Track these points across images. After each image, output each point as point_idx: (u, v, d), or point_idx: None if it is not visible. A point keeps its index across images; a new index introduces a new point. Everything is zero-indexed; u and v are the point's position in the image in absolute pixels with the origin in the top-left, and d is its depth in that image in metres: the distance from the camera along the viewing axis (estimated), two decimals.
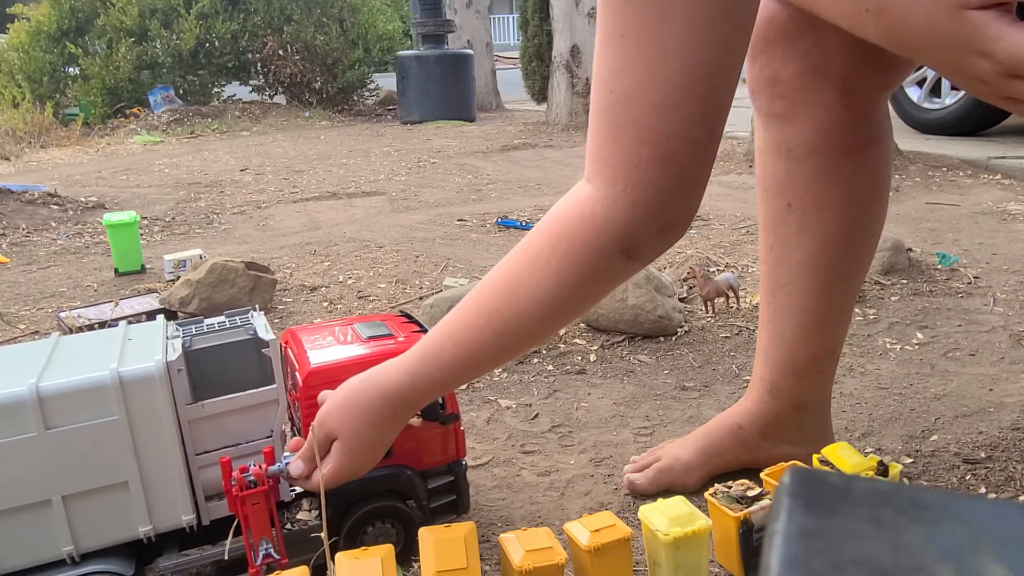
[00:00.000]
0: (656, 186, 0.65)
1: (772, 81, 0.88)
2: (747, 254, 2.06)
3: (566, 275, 0.70)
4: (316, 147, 4.74)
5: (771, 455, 1.00)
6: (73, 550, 0.76)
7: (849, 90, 0.86)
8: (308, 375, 0.83)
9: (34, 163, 4.58)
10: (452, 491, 0.92)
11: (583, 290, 0.71)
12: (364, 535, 0.86)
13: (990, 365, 1.35)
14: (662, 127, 0.64)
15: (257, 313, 0.92)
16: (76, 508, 0.76)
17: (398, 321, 0.96)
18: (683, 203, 0.68)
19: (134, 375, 0.76)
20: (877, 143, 0.91)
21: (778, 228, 0.94)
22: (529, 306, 0.71)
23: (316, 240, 2.44)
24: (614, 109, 0.66)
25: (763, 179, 0.95)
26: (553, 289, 0.70)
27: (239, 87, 7.29)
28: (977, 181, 2.90)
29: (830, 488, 0.28)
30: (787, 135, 0.90)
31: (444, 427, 0.90)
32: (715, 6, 0.61)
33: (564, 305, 0.72)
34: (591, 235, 0.68)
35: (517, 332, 0.73)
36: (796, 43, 0.85)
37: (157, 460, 0.78)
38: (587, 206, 0.68)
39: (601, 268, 0.69)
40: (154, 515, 0.79)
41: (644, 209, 0.66)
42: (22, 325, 1.76)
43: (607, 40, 0.65)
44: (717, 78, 0.64)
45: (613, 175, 0.67)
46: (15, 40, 6.54)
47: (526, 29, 6.31)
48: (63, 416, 0.74)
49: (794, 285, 0.94)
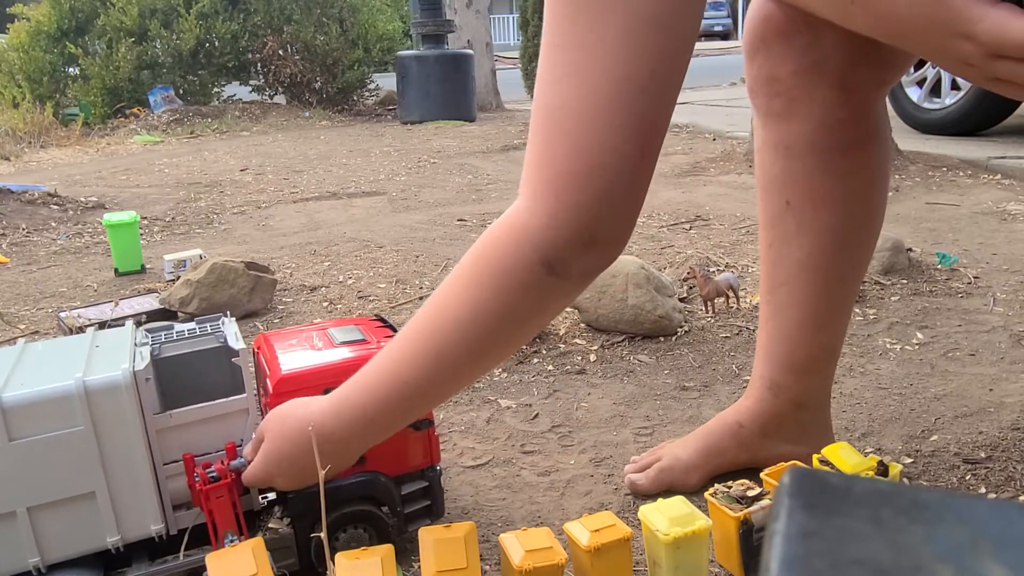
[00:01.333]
0: (580, 199, 0.64)
1: (770, 79, 0.88)
2: (747, 254, 2.06)
3: (486, 291, 0.67)
4: (316, 147, 4.74)
5: (771, 454, 1.00)
6: (39, 562, 0.75)
7: (846, 87, 0.86)
8: (279, 382, 0.83)
9: (34, 163, 4.58)
10: (426, 496, 0.91)
11: (505, 308, 0.68)
12: (336, 540, 0.85)
13: (990, 365, 1.35)
14: (591, 139, 0.63)
15: (229, 320, 0.90)
16: (42, 519, 0.74)
17: (372, 326, 0.95)
18: (609, 219, 0.66)
19: (100, 384, 0.74)
20: (875, 140, 0.91)
21: (777, 226, 0.94)
22: (455, 330, 0.69)
23: (316, 240, 2.44)
24: (546, 120, 0.65)
25: (762, 177, 0.95)
26: (474, 307, 0.68)
27: (239, 87, 7.29)
28: (977, 181, 2.90)
29: (830, 488, 0.28)
30: (785, 133, 0.90)
31: (418, 432, 0.89)
32: (650, 19, 0.60)
33: (488, 326, 0.69)
34: (511, 246, 0.67)
35: (446, 362, 0.70)
36: (793, 41, 0.85)
37: (125, 470, 0.76)
38: (512, 218, 0.68)
39: (520, 281, 0.67)
40: (122, 525, 0.78)
41: (566, 221, 0.64)
42: (22, 325, 1.76)
43: (544, 48, 0.65)
44: (651, 93, 0.62)
45: (538, 187, 0.66)
46: (15, 40, 6.54)
47: (526, 29, 6.32)
48: (27, 427, 0.72)
49: (793, 283, 0.94)
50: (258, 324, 1.71)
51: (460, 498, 1.02)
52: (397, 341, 0.73)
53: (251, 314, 1.75)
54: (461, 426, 1.22)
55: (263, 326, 1.70)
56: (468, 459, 1.12)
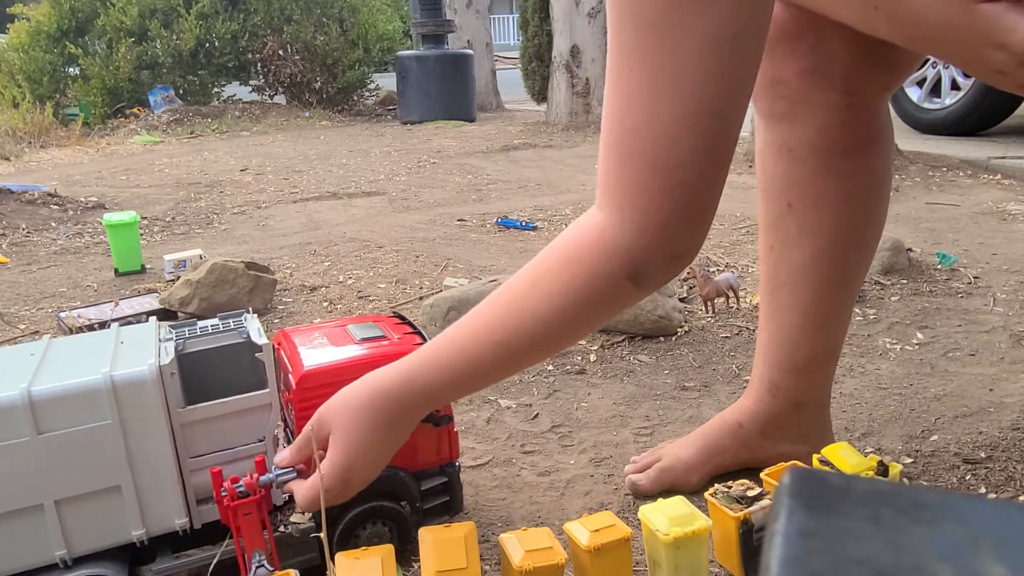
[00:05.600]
0: (664, 215, 0.66)
1: (774, 82, 0.88)
2: (747, 254, 2.06)
3: (572, 297, 0.70)
4: (316, 147, 4.74)
5: (771, 454, 1.00)
6: (66, 554, 0.76)
7: (850, 90, 0.86)
8: (301, 377, 0.83)
9: (34, 163, 4.58)
10: (446, 492, 0.92)
11: (587, 313, 0.72)
12: (358, 537, 0.86)
13: (990, 365, 1.35)
14: (670, 158, 0.65)
15: (251, 316, 0.91)
16: (69, 512, 0.75)
17: (391, 322, 0.95)
18: (690, 232, 0.69)
19: (127, 379, 0.75)
20: (878, 143, 0.91)
21: (778, 228, 0.94)
22: (532, 324, 0.72)
23: (316, 240, 2.44)
24: (623, 141, 0.67)
25: (763, 179, 0.95)
26: (557, 310, 0.71)
27: (239, 87, 7.28)
28: (977, 181, 2.90)
29: (830, 488, 0.28)
30: (788, 135, 0.90)
31: (438, 429, 0.89)
32: (721, 39, 0.61)
33: (566, 327, 0.72)
34: (600, 260, 0.69)
35: (518, 348, 0.73)
36: (798, 44, 0.85)
37: (150, 464, 0.77)
38: (596, 231, 0.69)
39: (607, 293, 0.70)
40: (147, 519, 0.78)
41: (652, 237, 0.67)
42: (22, 325, 1.76)
43: (615, 73, 0.66)
44: (724, 111, 0.64)
45: (622, 203, 0.68)
46: (15, 40, 6.54)
47: (526, 29, 6.31)
48: (55, 420, 0.73)
49: (794, 284, 0.94)
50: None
51: None
52: (463, 330, 0.74)
53: None
54: (461, 426, 1.22)
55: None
56: (468, 459, 1.12)
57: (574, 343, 0.82)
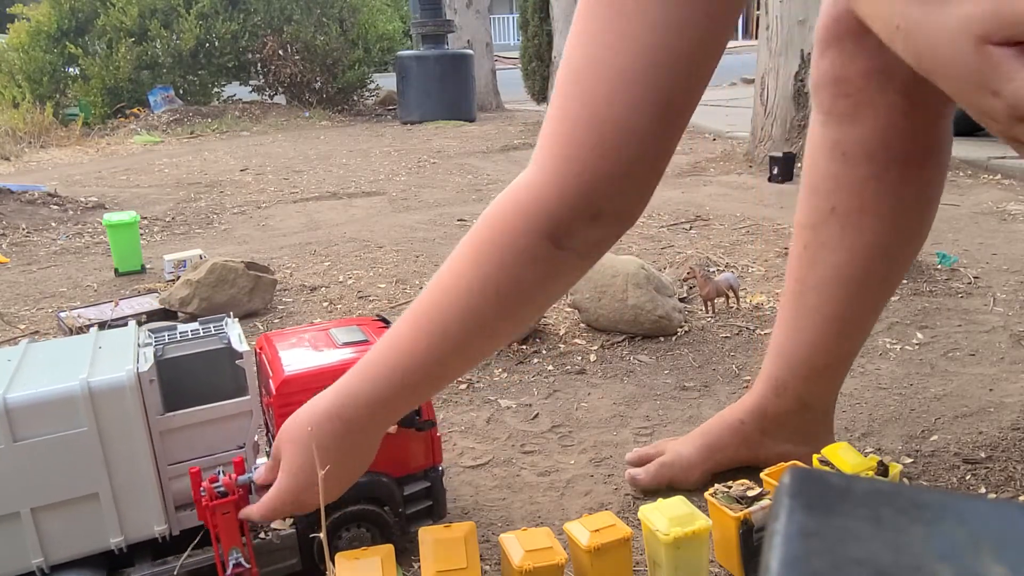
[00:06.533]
0: (588, 169, 0.63)
1: (838, 79, 0.86)
2: (747, 254, 2.06)
3: (492, 264, 0.66)
4: (316, 147, 4.74)
5: (772, 453, 1.00)
6: (43, 562, 0.75)
7: (913, 97, 0.83)
8: (282, 383, 0.82)
9: (34, 163, 4.58)
10: (429, 497, 0.91)
11: (511, 282, 0.67)
12: (339, 540, 0.85)
13: (990, 365, 1.35)
14: (607, 112, 0.62)
15: (232, 321, 0.90)
16: (46, 520, 0.74)
17: (375, 326, 0.95)
18: (620, 194, 0.65)
19: (104, 385, 0.74)
20: (933, 158, 0.88)
21: (817, 230, 0.91)
22: (457, 305, 0.67)
23: (316, 240, 2.44)
24: (563, 91, 0.64)
25: (810, 179, 0.92)
26: (481, 281, 0.67)
27: (239, 87, 7.29)
28: (977, 181, 2.90)
29: (830, 488, 0.28)
30: (844, 136, 0.87)
31: (420, 434, 0.89)
32: None
33: (495, 300, 0.67)
34: (517, 218, 0.66)
35: (452, 340, 0.69)
36: (864, 41, 0.82)
37: (128, 471, 0.76)
38: (518, 190, 0.67)
39: (525, 253, 0.66)
40: (125, 526, 0.77)
41: (573, 193, 0.64)
42: (22, 325, 1.76)
43: (573, 26, 0.64)
44: (677, 70, 0.62)
45: (547, 157, 0.65)
46: (15, 40, 6.55)
47: (526, 29, 6.32)
48: (31, 427, 0.72)
49: (823, 289, 0.92)
50: (258, 324, 1.71)
51: (460, 498, 1.02)
52: (400, 324, 0.71)
53: (251, 314, 1.75)
54: (461, 426, 1.22)
55: (263, 326, 1.70)
56: (468, 459, 1.12)
57: (516, 326, 0.75)
